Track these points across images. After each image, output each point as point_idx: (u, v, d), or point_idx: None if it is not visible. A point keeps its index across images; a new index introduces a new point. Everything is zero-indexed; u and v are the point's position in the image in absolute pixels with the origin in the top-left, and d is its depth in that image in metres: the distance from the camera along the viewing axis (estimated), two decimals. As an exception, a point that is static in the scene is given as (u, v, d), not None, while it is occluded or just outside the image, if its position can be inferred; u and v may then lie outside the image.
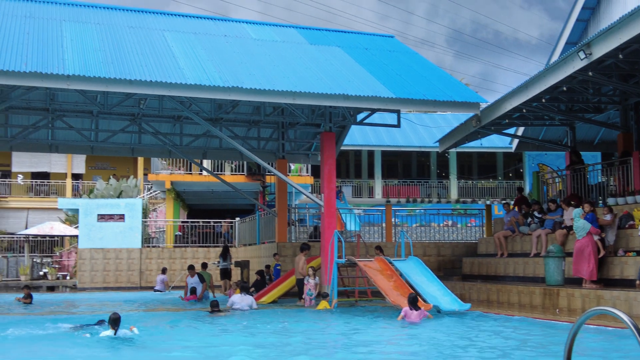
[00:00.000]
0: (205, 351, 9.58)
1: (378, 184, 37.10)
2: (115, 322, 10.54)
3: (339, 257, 16.20)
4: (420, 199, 37.19)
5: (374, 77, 16.86)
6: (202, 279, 20.09)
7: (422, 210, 28.64)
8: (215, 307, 14.83)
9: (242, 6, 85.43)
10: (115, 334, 10.46)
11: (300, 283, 17.30)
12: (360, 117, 19.39)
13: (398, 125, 19.88)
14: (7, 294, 23.78)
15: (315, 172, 31.31)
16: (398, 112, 19.07)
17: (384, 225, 22.72)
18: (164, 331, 12.37)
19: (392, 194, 37.02)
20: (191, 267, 20.54)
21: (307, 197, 18.21)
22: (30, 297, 18.95)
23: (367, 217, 26.48)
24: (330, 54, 18.57)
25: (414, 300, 12.86)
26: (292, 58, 17.66)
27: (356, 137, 34.25)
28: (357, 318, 13.72)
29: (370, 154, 37.56)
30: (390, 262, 15.78)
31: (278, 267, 19.70)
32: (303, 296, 16.87)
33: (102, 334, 10.69)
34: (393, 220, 22.75)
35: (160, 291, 24.00)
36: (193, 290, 19.46)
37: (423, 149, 36.11)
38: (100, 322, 11.94)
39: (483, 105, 17.25)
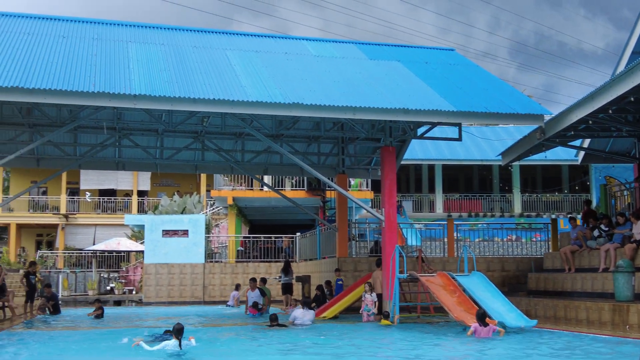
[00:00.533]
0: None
1: (439, 198, 36.74)
2: (179, 332, 10.76)
3: (401, 272, 16.10)
4: (483, 213, 36.64)
5: (434, 91, 16.75)
6: (263, 293, 20.24)
7: (485, 225, 28.17)
8: (274, 321, 14.89)
9: (302, 24, 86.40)
10: (180, 343, 10.65)
11: (379, 298, 17.18)
12: (420, 131, 19.26)
13: (459, 139, 19.51)
14: (75, 309, 24.45)
15: (376, 186, 31.23)
16: (459, 125, 18.87)
17: (445, 240, 22.47)
18: (223, 344, 12.47)
19: (453, 208, 36.59)
20: (253, 280, 20.70)
21: (368, 211, 18.17)
22: (102, 309, 19.45)
23: (428, 232, 26.22)
24: (390, 68, 18.55)
25: (482, 317, 12.65)
26: (352, 73, 17.72)
27: (417, 151, 34.02)
28: (423, 334, 13.57)
29: (431, 167, 37.25)
30: (453, 278, 15.57)
31: (340, 283, 19.68)
32: (360, 311, 16.84)
33: (165, 342, 10.87)
34: (455, 234, 22.48)
35: (232, 306, 24.36)
36: (255, 305, 19.59)
37: (485, 163, 35.61)
38: (166, 333, 12.18)
39: (547, 117, 16.92)
